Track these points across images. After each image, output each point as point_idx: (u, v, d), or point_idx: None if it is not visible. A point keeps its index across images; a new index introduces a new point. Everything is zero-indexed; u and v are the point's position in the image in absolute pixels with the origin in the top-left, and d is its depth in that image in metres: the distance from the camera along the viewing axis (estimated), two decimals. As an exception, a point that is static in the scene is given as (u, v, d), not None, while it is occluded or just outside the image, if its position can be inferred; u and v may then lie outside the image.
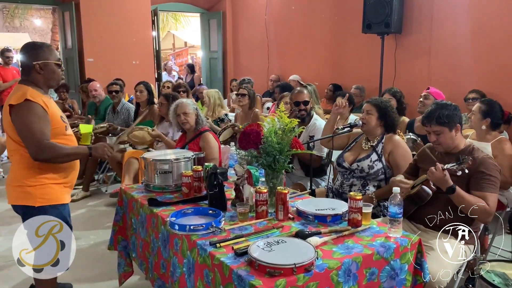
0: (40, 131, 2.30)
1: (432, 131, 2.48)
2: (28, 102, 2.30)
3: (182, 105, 3.57)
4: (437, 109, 2.47)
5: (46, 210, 2.42)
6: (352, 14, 6.52)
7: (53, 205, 2.45)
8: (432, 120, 2.45)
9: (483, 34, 5.10)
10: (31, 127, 2.29)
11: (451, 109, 2.47)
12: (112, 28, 8.06)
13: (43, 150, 2.30)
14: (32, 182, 2.39)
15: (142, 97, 5.21)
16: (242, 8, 9.21)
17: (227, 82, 9.50)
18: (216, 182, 2.36)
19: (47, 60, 2.43)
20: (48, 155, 2.33)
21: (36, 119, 2.30)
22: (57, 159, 2.39)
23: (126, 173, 4.56)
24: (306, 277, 1.67)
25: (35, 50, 2.42)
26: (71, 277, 3.00)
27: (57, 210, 2.47)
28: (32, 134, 2.29)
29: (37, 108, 2.32)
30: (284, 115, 2.39)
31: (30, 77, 2.42)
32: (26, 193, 2.39)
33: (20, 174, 2.41)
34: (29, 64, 2.40)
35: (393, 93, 4.42)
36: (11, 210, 2.54)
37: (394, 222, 2.03)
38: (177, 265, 2.13)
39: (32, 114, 2.30)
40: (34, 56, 2.40)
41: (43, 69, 2.41)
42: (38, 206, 2.40)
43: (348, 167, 3.01)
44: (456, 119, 2.46)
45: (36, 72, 2.41)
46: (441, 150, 2.50)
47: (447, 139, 2.46)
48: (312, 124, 3.66)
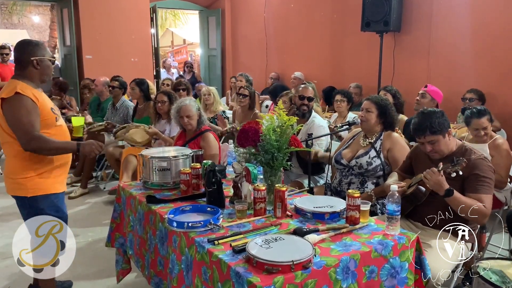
0: (28, 122, 2.40)
1: (427, 142, 2.46)
2: (18, 95, 2.41)
3: (186, 108, 3.51)
4: (426, 119, 2.43)
5: (38, 200, 2.52)
6: (351, 12, 6.52)
7: (45, 194, 2.54)
8: (425, 130, 2.42)
9: (482, 33, 5.10)
10: (21, 119, 2.40)
11: (439, 115, 2.45)
12: (111, 25, 8.04)
13: (31, 140, 2.40)
14: (23, 173, 2.50)
15: (134, 95, 5.21)
16: (241, 6, 9.20)
17: (226, 79, 9.50)
18: (214, 180, 2.36)
19: (43, 56, 2.56)
20: (36, 146, 2.42)
21: (25, 111, 2.40)
22: (45, 151, 2.49)
23: (124, 170, 4.56)
24: (304, 274, 1.67)
25: (32, 46, 2.55)
26: (69, 274, 2.99)
27: (49, 199, 2.56)
28: (22, 125, 2.39)
29: (27, 101, 2.42)
30: (283, 113, 2.39)
31: (25, 72, 2.53)
32: (19, 184, 2.51)
33: (13, 165, 2.53)
34: (27, 59, 2.51)
35: (388, 90, 4.43)
36: (9, 206, 2.56)
37: (392, 219, 2.03)
38: (176, 262, 2.13)
39: (21, 106, 2.40)
40: (32, 52, 2.53)
41: (39, 64, 2.53)
42: (30, 197, 2.50)
43: (347, 164, 3.02)
44: (446, 124, 2.45)
45: (33, 67, 2.52)
46: (438, 158, 2.49)
47: (442, 145, 2.46)
48: (311, 121, 3.67)
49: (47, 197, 2.55)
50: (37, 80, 2.56)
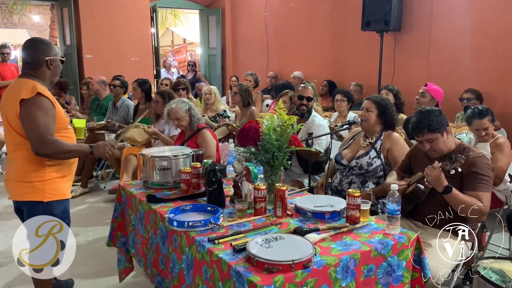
0: (45, 125, 2.30)
1: (425, 140, 2.46)
2: (40, 96, 2.31)
3: (173, 111, 3.61)
4: (424, 118, 2.45)
5: (53, 205, 2.43)
6: (351, 12, 6.51)
7: (61, 200, 2.47)
8: (423, 129, 2.43)
9: (482, 32, 5.10)
10: (37, 121, 2.28)
11: (437, 114, 2.45)
12: (111, 24, 8.04)
13: (45, 145, 2.29)
14: (40, 177, 2.39)
15: (136, 95, 5.22)
16: (241, 5, 9.20)
17: (226, 79, 9.49)
18: (214, 179, 2.36)
19: (56, 56, 2.48)
20: (49, 151, 2.32)
21: (44, 114, 2.30)
22: (58, 155, 2.39)
23: (124, 169, 4.56)
24: (304, 274, 1.67)
25: (45, 45, 2.45)
26: (70, 274, 2.99)
27: (62, 205, 2.50)
28: (37, 128, 2.28)
29: (47, 103, 2.33)
30: (283, 112, 2.39)
31: (38, 72, 2.42)
32: (34, 188, 2.39)
33: (27, 169, 2.39)
34: (41, 58, 2.41)
35: (390, 89, 4.43)
36: (9, 206, 2.54)
37: (392, 219, 2.03)
38: (176, 261, 2.14)
39: (41, 107, 2.30)
40: (46, 51, 2.43)
41: (52, 64, 2.45)
42: (46, 202, 2.40)
43: (347, 165, 3.02)
44: (444, 122, 2.45)
45: (46, 67, 2.43)
46: (437, 156, 2.49)
47: (441, 144, 2.46)
48: (311, 120, 3.67)
49: (62, 202, 2.48)
50: (48, 81, 2.47)
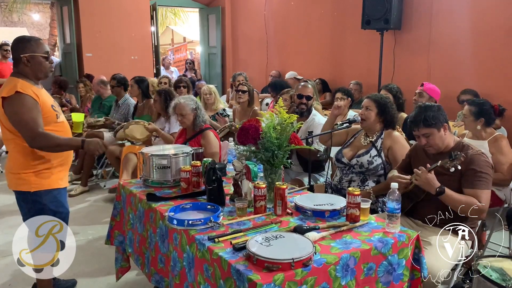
0: (32, 120, 2.41)
1: (421, 135, 2.48)
2: (19, 94, 2.41)
3: (179, 106, 3.54)
4: (422, 112, 2.47)
5: (41, 195, 2.53)
6: (351, 10, 6.51)
7: (48, 189, 2.56)
8: (419, 123, 2.45)
9: (482, 31, 5.10)
10: (23, 118, 2.40)
11: (435, 109, 2.47)
12: (111, 23, 8.04)
13: (36, 138, 2.41)
14: (27, 169, 2.51)
15: (133, 92, 5.23)
16: (241, 4, 9.18)
17: (226, 77, 9.48)
18: (214, 177, 2.36)
19: (34, 53, 2.51)
20: (42, 143, 2.44)
21: (27, 110, 2.41)
22: (50, 148, 2.50)
23: (124, 168, 4.56)
24: (304, 272, 1.67)
25: (22, 43, 2.52)
26: (70, 272, 2.99)
27: (51, 194, 2.57)
28: (25, 123, 2.40)
29: (28, 99, 2.43)
30: (283, 110, 2.39)
31: (20, 70, 2.52)
32: (22, 179, 2.53)
33: (16, 161, 2.54)
34: (17, 56, 2.51)
35: (389, 89, 4.40)
36: (9, 204, 2.56)
37: (392, 217, 2.03)
38: (177, 259, 2.13)
39: (23, 105, 2.41)
40: (21, 49, 2.50)
41: (30, 61, 2.50)
42: (33, 191, 2.51)
43: (347, 163, 3.02)
44: (442, 118, 2.46)
45: (23, 65, 2.51)
46: (433, 152, 2.50)
47: (437, 139, 2.46)
48: (311, 119, 3.66)
49: (50, 192, 2.57)
50: (32, 77, 2.54)
